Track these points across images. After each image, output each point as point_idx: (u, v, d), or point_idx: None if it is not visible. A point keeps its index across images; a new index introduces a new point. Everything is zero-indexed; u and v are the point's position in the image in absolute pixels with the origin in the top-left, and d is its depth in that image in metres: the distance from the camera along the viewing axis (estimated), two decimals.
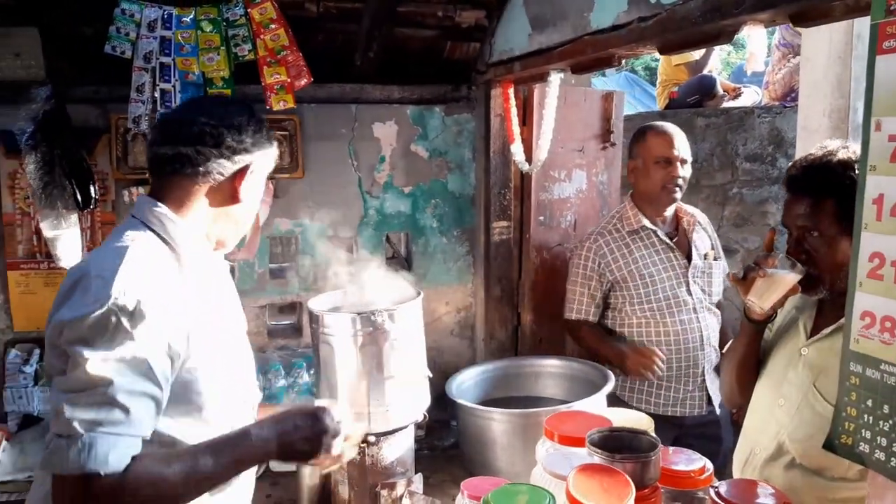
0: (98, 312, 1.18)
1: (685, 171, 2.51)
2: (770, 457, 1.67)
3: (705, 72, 4.99)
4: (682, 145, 2.52)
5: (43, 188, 2.45)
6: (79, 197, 2.44)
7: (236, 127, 1.39)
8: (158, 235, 1.36)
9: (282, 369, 2.65)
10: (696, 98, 4.73)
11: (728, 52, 10.58)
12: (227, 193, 1.41)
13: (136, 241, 1.31)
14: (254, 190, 1.46)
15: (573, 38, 2.20)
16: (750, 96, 4.90)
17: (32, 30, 2.62)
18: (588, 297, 2.58)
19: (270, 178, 2.72)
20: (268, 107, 2.53)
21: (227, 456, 1.28)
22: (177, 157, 1.36)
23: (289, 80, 2.49)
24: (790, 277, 1.62)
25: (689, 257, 2.55)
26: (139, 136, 2.61)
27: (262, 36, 2.44)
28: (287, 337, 3.02)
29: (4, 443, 2.28)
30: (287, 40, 2.46)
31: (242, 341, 1.55)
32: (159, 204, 1.38)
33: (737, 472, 1.79)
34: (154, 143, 1.42)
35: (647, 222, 2.54)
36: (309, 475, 2.09)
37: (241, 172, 1.41)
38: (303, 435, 1.38)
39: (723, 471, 1.94)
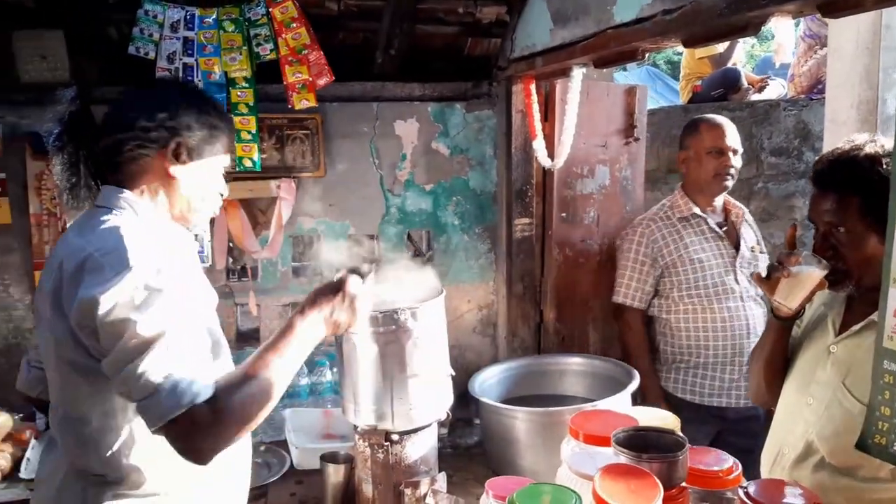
0: (125, 282, 1.26)
1: (737, 162, 2.62)
2: (799, 457, 1.64)
3: (729, 65, 4.92)
4: (733, 136, 2.63)
5: (69, 189, 2.45)
6: None
7: (149, 108, 1.45)
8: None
9: (304, 367, 2.66)
10: (720, 91, 4.67)
11: (752, 44, 10.44)
12: (162, 173, 1.46)
13: (120, 218, 1.40)
14: (193, 170, 1.49)
15: (596, 32, 2.18)
16: (775, 89, 4.83)
17: (58, 32, 2.65)
18: (638, 282, 2.65)
19: (292, 176, 2.76)
20: (290, 106, 2.55)
21: (291, 350, 1.41)
22: (118, 142, 1.45)
23: (310, 78, 2.50)
24: (815, 274, 1.59)
25: (736, 247, 2.63)
26: None
27: (283, 35, 2.44)
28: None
29: (33, 441, 2.32)
30: (308, 39, 2.46)
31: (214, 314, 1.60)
32: (123, 190, 1.45)
33: (765, 472, 1.76)
34: (90, 140, 1.53)
35: (697, 210, 2.63)
36: (333, 473, 2.09)
37: (165, 150, 1.45)
38: (336, 306, 1.53)
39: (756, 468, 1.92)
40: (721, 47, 4.90)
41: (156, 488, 1.40)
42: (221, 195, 1.59)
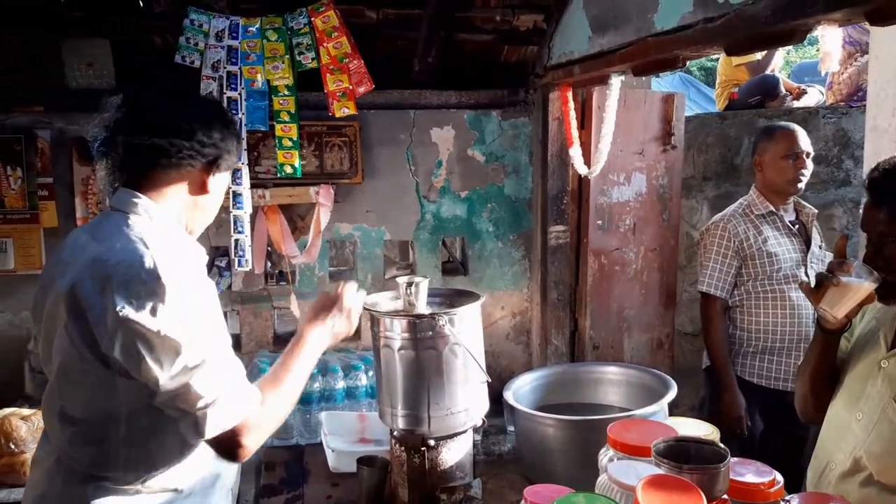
0: (167, 300, 1.30)
1: (809, 165, 2.76)
2: (846, 472, 1.61)
3: (767, 71, 4.86)
4: (806, 141, 2.76)
5: (112, 193, 2.53)
6: None
7: (206, 123, 1.48)
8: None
9: (340, 371, 2.69)
10: (757, 99, 4.62)
11: (788, 51, 10.28)
12: (198, 185, 1.49)
13: (139, 226, 1.41)
14: (221, 183, 1.55)
15: (636, 39, 2.17)
16: (814, 96, 4.76)
17: (104, 41, 2.74)
18: (720, 273, 2.75)
19: (331, 183, 2.80)
20: (330, 114, 2.58)
21: (305, 358, 1.58)
22: (152, 148, 1.44)
23: (351, 86, 2.53)
24: (866, 286, 1.56)
25: (807, 244, 2.78)
26: None
27: (325, 44, 2.48)
28: (346, 339, 3.05)
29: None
30: (349, 48, 2.50)
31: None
32: (140, 195, 1.45)
33: (810, 486, 1.74)
34: (128, 135, 1.49)
35: (773, 208, 2.78)
36: (369, 477, 2.11)
37: (210, 165, 1.49)
38: (335, 318, 1.69)
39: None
40: (759, 54, 4.84)
41: (142, 485, 1.43)
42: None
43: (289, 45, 2.48)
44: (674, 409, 2.28)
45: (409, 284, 1.98)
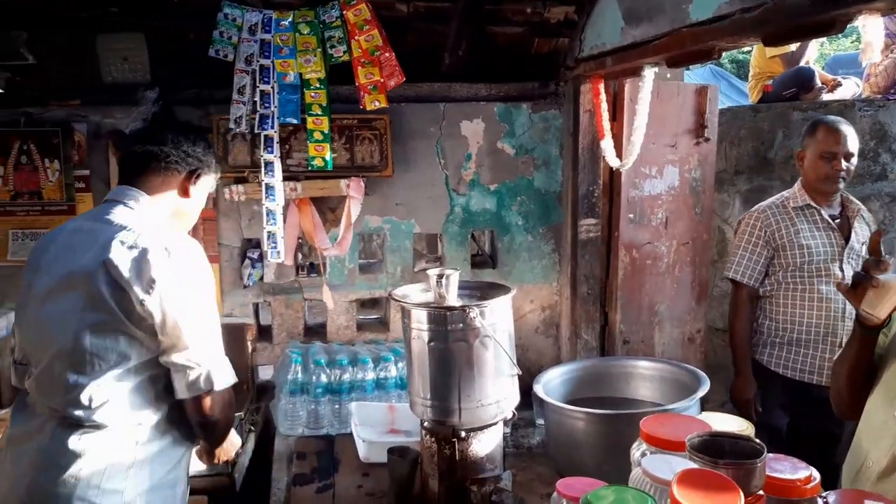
0: (192, 277, 1.67)
1: (850, 165, 2.72)
2: (884, 470, 1.58)
3: (802, 63, 4.76)
4: (849, 140, 2.71)
5: None
6: None
7: (191, 140, 1.84)
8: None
9: (370, 362, 2.70)
10: (792, 91, 4.53)
11: (822, 43, 10.08)
12: (182, 189, 1.82)
13: (143, 216, 1.73)
14: (199, 193, 1.87)
15: (670, 30, 2.14)
16: (850, 88, 4.65)
17: (138, 35, 2.77)
18: (749, 261, 2.78)
19: (361, 176, 2.81)
20: (361, 107, 2.59)
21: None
22: (146, 153, 1.78)
23: (382, 79, 2.54)
24: None
25: (847, 239, 2.75)
26: (238, 136, 2.71)
27: (356, 37, 2.49)
28: (375, 331, 3.09)
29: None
30: (381, 41, 2.50)
31: None
32: (137, 190, 1.76)
33: (846, 484, 1.71)
34: (128, 147, 1.90)
35: (811, 201, 2.76)
36: (400, 468, 2.12)
37: (192, 174, 1.82)
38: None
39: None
40: (793, 45, 4.74)
41: (136, 436, 1.69)
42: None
43: (321, 38, 2.50)
44: (703, 405, 2.26)
45: (440, 276, 1.98)
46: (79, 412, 1.60)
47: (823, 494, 1.41)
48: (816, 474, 1.47)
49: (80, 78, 2.83)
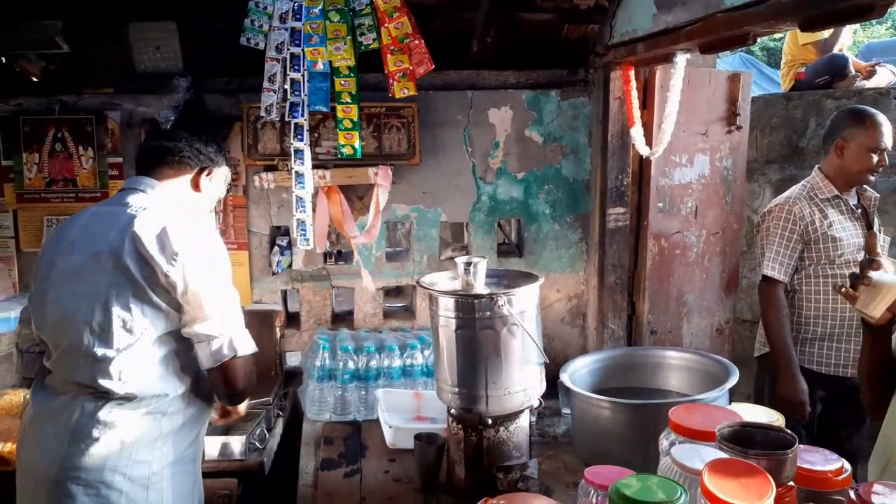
0: (210, 252, 1.78)
1: (885, 160, 2.71)
2: None
3: (835, 50, 4.66)
4: (890, 135, 2.70)
5: None
6: None
7: (203, 140, 1.98)
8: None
9: (397, 350, 2.72)
10: (825, 79, 4.45)
11: (854, 30, 9.84)
12: (193, 183, 1.95)
13: (163, 203, 1.85)
14: (209, 188, 1.99)
15: (704, 16, 2.10)
16: (885, 76, 4.55)
17: (171, 24, 2.80)
18: (784, 256, 2.71)
19: (389, 164, 2.82)
20: (390, 94, 2.59)
21: None
22: (162, 148, 1.91)
23: (411, 67, 2.53)
24: None
25: (869, 228, 2.77)
26: (268, 124, 2.73)
27: (386, 24, 2.49)
28: (401, 319, 3.10)
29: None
30: (410, 28, 2.50)
31: None
32: (151, 179, 1.88)
33: (872, 478, 1.68)
34: (145, 141, 2.16)
35: (837, 191, 2.74)
36: (426, 454, 2.14)
37: (202, 170, 1.95)
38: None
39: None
40: (826, 32, 4.65)
41: (163, 408, 1.78)
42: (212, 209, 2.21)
43: (351, 25, 2.50)
44: (731, 397, 2.24)
45: (468, 264, 1.99)
46: (108, 384, 1.67)
47: (854, 486, 1.39)
48: (848, 466, 1.45)
49: (114, 66, 2.87)
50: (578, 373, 2.47)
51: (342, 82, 2.51)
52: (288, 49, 2.47)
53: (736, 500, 1.18)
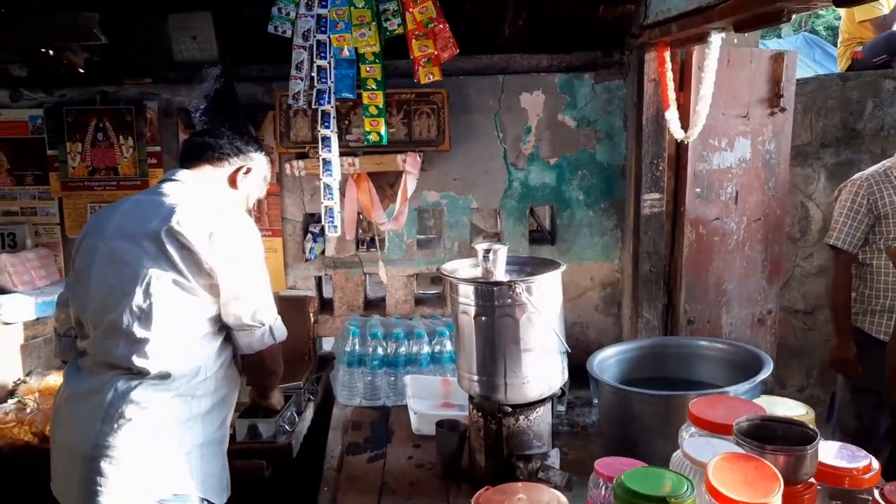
0: (247, 239, 1.85)
1: None
2: None
3: (895, 28, 4.41)
4: None
5: None
6: None
7: (244, 139, 2.05)
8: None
9: (426, 336, 2.72)
10: (883, 58, 4.21)
11: None
12: (230, 179, 2.00)
13: (197, 191, 1.90)
14: (245, 186, 2.03)
15: None
16: None
17: (206, 14, 2.84)
18: (850, 227, 2.85)
19: (418, 151, 2.81)
20: (416, 80, 2.57)
21: None
22: (204, 144, 1.98)
23: (436, 52, 2.51)
24: None
25: None
26: (300, 112, 2.76)
27: (410, 9, 2.47)
28: (433, 306, 3.10)
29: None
30: (434, 12, 2.47)
31: None
32: (192, 171, 1.95)
33: None
34: (189, 136, 2.13)
35: None
36: (448, 440, 2.13)
37: (240, 168, 2.00)
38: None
39: None
40: (885, 9, 4.40)
41: (193, 391, 1.81)
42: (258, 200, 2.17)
43: (375, 11, 2.49)
44: (777, 390, 2.16)
45: (487, 251, 1.96)
46: (143, 363, 1.72)
47: (881, 485, 1.32)
48: (876, 464, 1.38)
49: (153, 57, 2.94)
50: (608, 362, 2.41)
51: (367, 68, 2.50)
52: (314, 36, 2.48)
53: (740, 497, 1.14)
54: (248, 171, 2.02)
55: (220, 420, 1.91)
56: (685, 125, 2.62)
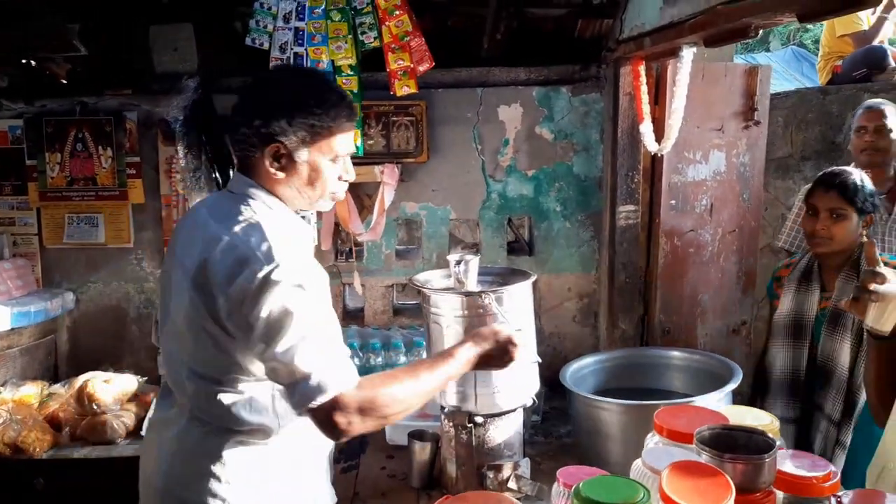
0: (280, 282, 1.36)
1: (879, 140, 2.93)
2: None
3: (875, 42, 4.47)
4: (882, 117, 2.94)
5: (192, 172, 2.67)
6: (220, 181, 2.63)
7: (253, 114, 1.49)
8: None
9: (402, 346, 2.73)
10: (862, 72, 4.27)
11: None
12: (267, 172, 1.51)
13: (256, 211, 1.48)
14: (298, 167, 1.52)
15: (706, 8, 2.05)
16: None
17: (188, 25, 2.87)
18: (796, 231, 2.95)
19: (396, 162, 2.83)
20: (392, 92, 2.60)
21: (440, 372, 1.55)
22: (225, 141, 1.61)
23: (412, 65, 2.54)
24: None
25: (890, 213, 2.89)
26: None
27: (387, 23, 2.49)
28: (412, 316, 3.11)
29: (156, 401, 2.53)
30: (410, 26, 2.50)
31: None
32: (253, 182, 1.53)
33: (869, 487, 1.61)
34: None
35: None
36: (419, 451, 2.14)
37: (264, 154, 1.49)
38: (494, 352, 1.66)
39: None
40: (865, 24, 4.46)
41: (266, 440, 1.53)
42: (345, 180, 1.62)
43: (352, 24, 2.52)
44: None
45: (459, 262, 1.98)
46: (201, 413, 1.51)
47: (840, 494, 1.34)
48: (836, 473, 1.40)
49: (135, 68, 2.95)
50: (582, 373, 2.44)
51: (344, 81, 2.52)
52: (292, 49, 2.51)
53: None
54: (279, 152, 1.50)
55: (293, 477, 1.63)
56: (660, 138, 2.65)
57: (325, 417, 1.38)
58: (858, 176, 2.24)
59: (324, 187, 1.57)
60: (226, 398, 1.47)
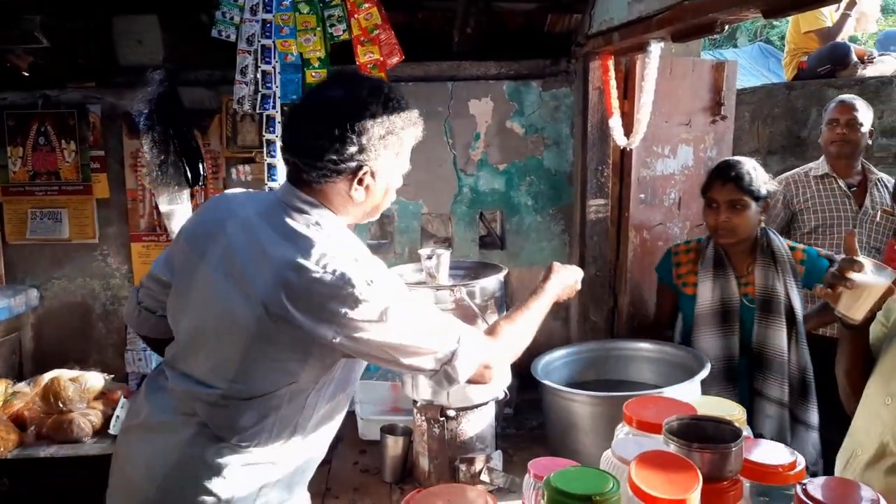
0: (369, 302, 1.37)
1: (850, 133, 3.03)
2: (872, 458, 1.52)
3: (839, 39, 4.57)
4: (853, 111, 3.04)
5: (159, 166, 2.63)
6: (189, 174, 2.60)
7: (344, 140, 1.41)
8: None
9: None
10: (827, 68, 4.37)
11: (876, 18, 9.63)
12: (345, 194, 1.47)
13: (319, 228, 1.43)
14: (375, 184, 1.50)
15: (672, 4, 2.07)
16: (890, 65, 4.45)
17: (152, 17, 2.82)
18: (771, 221, 3.00)
19: None
20: None
21: (538, 305, 1.80)
22: (296, 165, 1.46)
23: (381, 58, 2.52)
24: (881, 283, 1.47)
25: (860, 206, 3.03)
26: (247, 116, 2.75)
27: (356, 15, 2.48)
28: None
29: (123, 400, 2.50)
30: (379, 19, 2.49)
31: None
32: (314, 201, 1.46)
33: (838, 474, 1.65)
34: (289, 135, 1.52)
35: (829, 171, 3.09)
36: (392, 445, 2.13)
37: (352, 178, 1.45)
38: (569, 282, 1.93)
39: None
40: (829, 21, 4.56)
41: (274, 458, 1.49)
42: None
43: (320, 17, 2.49)
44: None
45: (430, 256, 1.98)
46: (218, 430, 1.45)
47: (805, 482, 1.36)
48: (802, 461, 1.43)
49: (98, 61, 2.89)
50: (553, 365, 2.45)
51: (313, 74, 2.50)
52: (259, 41, 2.48)
53: (660, 494, 1.16)
54: (364, 175, 1.46)
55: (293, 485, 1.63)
56: (629, 133, 2.67)
57: (479, 380, 1.58)
58: (751, 164, 2.33)
59: (387, 201, 1.59)
60: (252, 417, 1.43)
